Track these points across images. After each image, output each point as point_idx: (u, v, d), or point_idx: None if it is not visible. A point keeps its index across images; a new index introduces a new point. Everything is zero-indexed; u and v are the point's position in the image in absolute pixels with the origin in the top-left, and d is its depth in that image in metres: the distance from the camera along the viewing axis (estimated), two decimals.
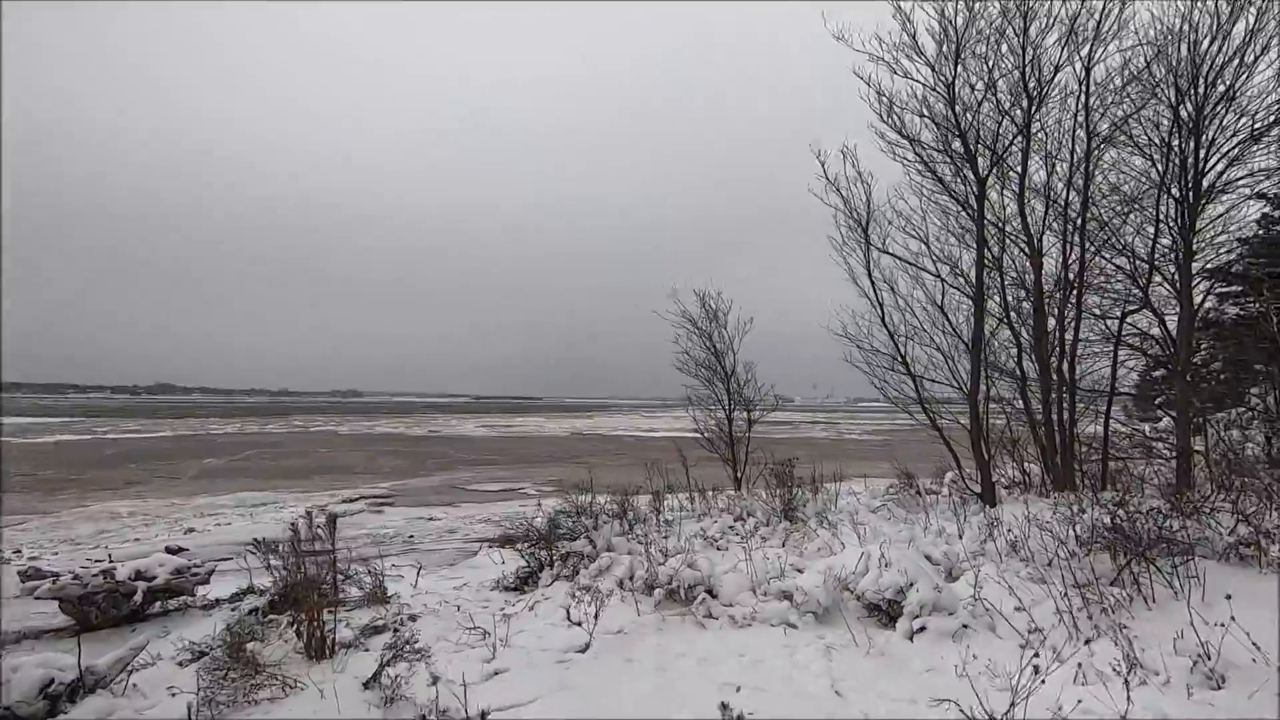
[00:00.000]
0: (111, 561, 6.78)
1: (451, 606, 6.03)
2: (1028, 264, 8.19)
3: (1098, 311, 8.48)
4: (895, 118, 7.86)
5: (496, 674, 4.49)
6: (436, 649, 5.00)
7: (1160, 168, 8.10)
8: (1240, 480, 7.26)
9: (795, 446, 33.73)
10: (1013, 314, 8.34)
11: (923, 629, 4.52)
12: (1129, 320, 8.27)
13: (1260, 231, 14.08)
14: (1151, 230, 8.78)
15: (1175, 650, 3.66)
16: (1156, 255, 8.91)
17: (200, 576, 6.45)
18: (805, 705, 3.80)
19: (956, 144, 7.67)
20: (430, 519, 13.45)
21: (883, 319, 8.34)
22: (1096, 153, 7.82)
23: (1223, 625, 3.64)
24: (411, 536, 11.46)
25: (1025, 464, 8.52)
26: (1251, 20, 7.99)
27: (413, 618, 5.75)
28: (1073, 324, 8.08)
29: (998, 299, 8.40)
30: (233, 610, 5.76)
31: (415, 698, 4.05)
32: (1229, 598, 3.77)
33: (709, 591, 5.46)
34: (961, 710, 3.21)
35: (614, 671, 4.46)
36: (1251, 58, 8.05)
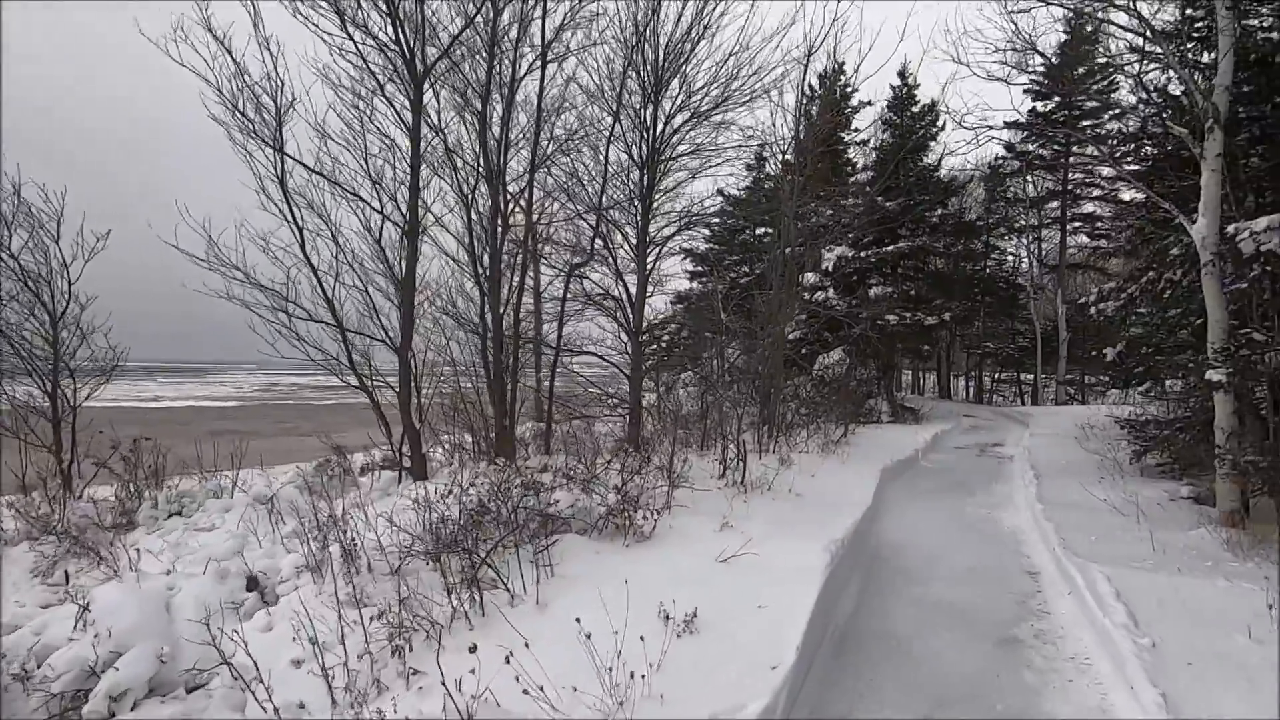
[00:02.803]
0: None
1: None
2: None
3: (557, 266, 8.01)
4: None
5: None
6: None
7: (619, 121, 7.94)
8: (646, 432, 7.70)
9: (334, 412, 30.06)
10: (479, 259, 7.22)
11: None
12: (577, 274, 7.97)
13: (718, 223, 16.86)
14: (618, 190, 8.81)
15: (444, 711, 2.47)
16: (619, 215, 9.00)
17: None
18: None
19: (390, 29, 5.94)
20: None
21: (303, 248, 6.21)
22: (559, 91, 7.13)
23: (507, 662, 2.59)
24: None
25: (478, 429, 7.59)
26: (699, 4, 8.37)
27: None
28: (530, 275, 7.34)
29: (465, 239, 7.18)
30: None
31: None
32: (525, 644, 2.75)
33: None
34: None
35: None
36: (696, 36, 8.48)
